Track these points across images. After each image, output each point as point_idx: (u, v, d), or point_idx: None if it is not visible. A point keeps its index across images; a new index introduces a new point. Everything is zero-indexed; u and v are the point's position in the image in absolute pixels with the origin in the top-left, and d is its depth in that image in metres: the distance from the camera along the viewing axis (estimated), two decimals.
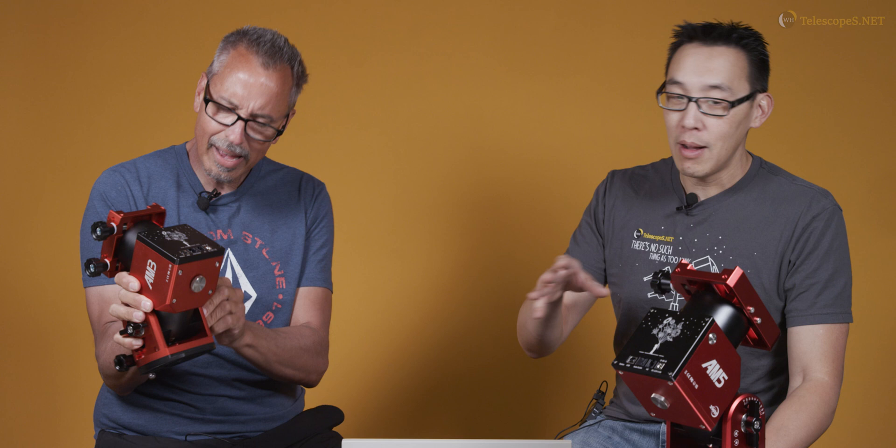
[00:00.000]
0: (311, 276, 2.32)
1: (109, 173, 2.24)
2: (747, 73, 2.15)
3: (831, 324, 2.15)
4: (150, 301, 1.80)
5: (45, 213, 3.28)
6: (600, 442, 2.31)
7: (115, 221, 1.83)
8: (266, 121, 2.16)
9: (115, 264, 1.87)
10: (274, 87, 2.14)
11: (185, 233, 1.82)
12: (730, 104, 2.13)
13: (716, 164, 2.18)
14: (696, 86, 2.14)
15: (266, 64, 2.14)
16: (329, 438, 2.29)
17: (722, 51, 2.15)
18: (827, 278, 2.16)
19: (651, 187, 2.33)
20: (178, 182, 2.25)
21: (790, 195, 2.21)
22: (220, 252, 1.81)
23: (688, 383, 1.55)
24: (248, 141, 2.16)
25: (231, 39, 2.19)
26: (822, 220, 2.17)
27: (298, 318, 2.30)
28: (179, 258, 1.75)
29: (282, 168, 2.36)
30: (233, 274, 2.25)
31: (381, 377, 3.27)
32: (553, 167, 3.26)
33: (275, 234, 2.28)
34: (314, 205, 2.33)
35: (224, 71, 2.15)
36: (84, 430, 2.54)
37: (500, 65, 3.26)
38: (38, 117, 3.29)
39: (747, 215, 2.21)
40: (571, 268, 2.07)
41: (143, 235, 1.79)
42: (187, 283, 1.78)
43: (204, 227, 2.23)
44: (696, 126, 2.14)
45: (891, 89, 3.23)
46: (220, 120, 2.15)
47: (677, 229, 2.25)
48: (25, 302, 3.26)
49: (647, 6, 3.22)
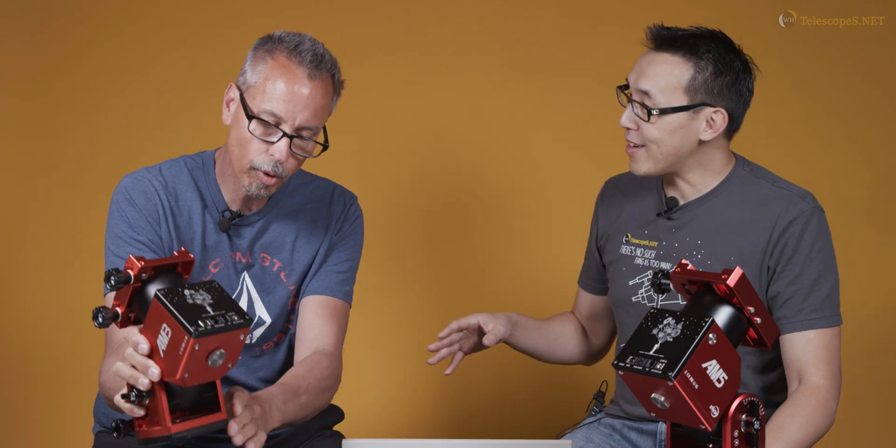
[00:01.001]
0: (331, 287, 2.20)
1: (136, 178, 2.13)
2: (687, 85, 2.13)
3: (822, 328, 2.15)
4: (159, 370, 1.59)
5: (46, 212, 3.28)
6: (601, 439, 2.32)
7: (134, 270, 1.62)
8: (311, 134, 2.05)
9: (127, 315, 1.65)
10: (320, 99, 2.04)
11: (212, 294, 1.60)
12: (648, 111, 2.13)
13: (654, 165, 2.19)
14: (633, 87, 2.18)
15: (312, 75, 2.02)
16: (330, 437, 2.29)
17: (664, 58, 2.15)
18: (811, 283, 2.15)
19: (638, 192, 2.35)
20: (201, 196, 2.15)
21: (769, 198, 2.19)
22: (245, 324, 1.59)
23: (688, 383, 1.55)
24: (293, 157, 2.05)
25: (266, 48, 2.06)
26: (800, 224, 2.15)
27: (311, 330, 2.16)
28: (197, 331, 1.53)
29: (313, 180, 2.26)
30: (248, 298, 2.18)
31: (381, 377, 3.27)
32: (553, 167, 3.26)
33: (294, 255, 2.19)
34: (341, 220, 2.23)
35: (266, 83, 2.02)
36: (83, 427, 2.53)
37: (500, 64, 3.26)
38: (38, 117, 3.29)
39: (726, 220, 2.20)
40: (467, 329, 2.32)
41: (161, 294, 1.56)
42: (203, 356, 1.56)
43: (225, 248, 2.15)
44: (627, 125, 2.19)
45: (891, 89, 3.22)
46: (265, 138, 2.03)
47: (660, 234, 2.27)
48: (26, 300, 3.26)
49: (647, 6, 3.22)
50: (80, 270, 3.21)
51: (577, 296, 2.53)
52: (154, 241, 2.09)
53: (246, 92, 2.05)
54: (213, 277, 2.15)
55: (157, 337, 1.57)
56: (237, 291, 2.18)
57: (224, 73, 2.39)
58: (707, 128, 2.16)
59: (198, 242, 2.13)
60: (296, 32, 2.08)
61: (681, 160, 2.19)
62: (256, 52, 2.07)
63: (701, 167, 2.21)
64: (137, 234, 2.09)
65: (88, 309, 2.18)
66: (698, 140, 2.17)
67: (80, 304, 3.23)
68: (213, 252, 2.15)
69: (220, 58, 3.15)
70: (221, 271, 2.16)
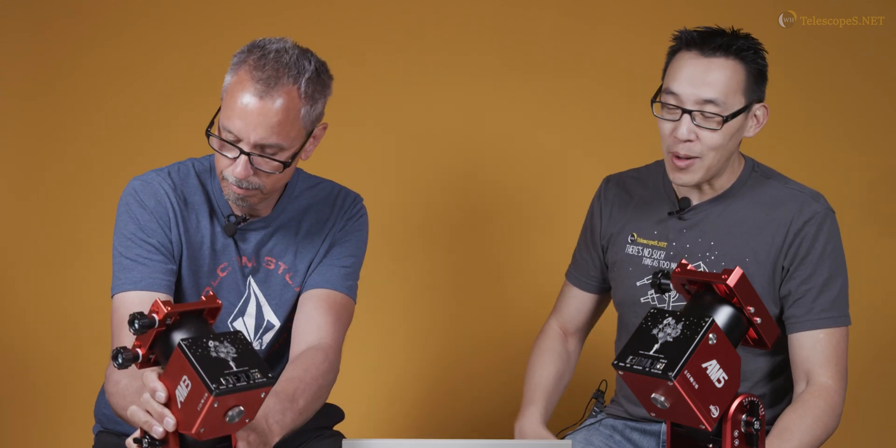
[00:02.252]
0: (332, 280, 2.15)
1: (146, 181, 2.10)
2: (744, 87, 2.11)
3: (831, 328, 2.15)
4: (175, 420, 1.56)
5: (46, 212, 3.28)
6: (603, 441, 2.32)
7: (159, 315, 1.58)
8: (274, 151, 1.97)
9: (147, 356, 1.61)
10: (274, 116, 1.94)
11: (236, 346, 1.56)
12: (723, 119, 2.10)
13: (706, 174, 2.16)
14: (691, 98, 2.10)
15: (262, 92, 1.94)
16: (330, 437, 2.29)
17: (720, 63, 2.10)
18: (823, 283, 2.15)
19: (644, 191, 2.32)
20: (208, 199, 2.13)
21: (781, 199, 2.19)
22: (268, 383, 1.55)
23: (688, 383, 1.55)
24: (257, 173, 1.99)
25: (240, 57, 2.00)
26: (814, 225, 2.16)
27: (307, 323, 2.12)
28: (218, 389, 1.50)
29: (318, 183, 2.22)
30: (257, 303, 2.17)
31: (381, 377, 3.26)
32: (553, 167, 3.26)
33: (298, 256, 2.17)
34: (344, 218, 2.20)
35: (227, 97, 1.98)
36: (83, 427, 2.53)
37: (500, 65, 3.26)
38: (39, 117, 3.29)
39: (739, 220, 2.20)
40: None
41: (185, 345, 1.53)
42: (221, 413, 1.53)
43: (233, 252, 2.13)
44: (688, 138, 2.11)
45: (891, 89, 3.22)
46: (224, 153, 1.98)
47: (670, 234, 2.25)
48: (26, 301, 3.26)
49: (647, 7, 3.22)
50: (81, 271, 3.21)
51: (565, 294, 2.46)
52: (164, 244, 2.07)
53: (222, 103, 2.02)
54: (221, 281, 2.14)
55: (176, 387, 1.55)
56: (245, 296, 2.17)
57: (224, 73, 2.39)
58: (754, 124, 2.16)
59: (207, 246, 2.12)
60: (273, 39, 2.02)
61: (726, 163, 2.18)
62: (233, 61, 2.02)
63: (728, 168, 2.20)
64: (147, 236, 2.07)
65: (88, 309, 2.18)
66: (741, 139, 2.17)
67: (80, 305, 3.24)
68: (222, 256, 2.14)
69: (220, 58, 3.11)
70: (229, 275, 2.15)
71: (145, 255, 2.05)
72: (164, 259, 2.06)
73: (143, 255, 2.05)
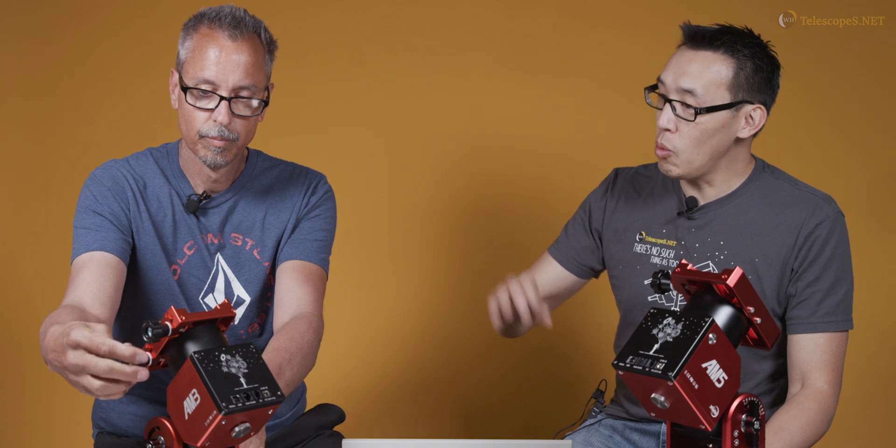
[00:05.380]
0: (306, 252, 2.22)
1: (105, 167, 2.21)
2: (729, 83, 2.11)
3: (832, 332, 2.15)
4: (147, 373, 1.59)
5: (45, 212, 3.28)
6: (602, 441, 2.32)
7: (173, 324, 1.59)
8: (250, 93, 2.09)
9: (158, 360, 1.63)
10: (247, 58, 2.08)
11: (248, 361, 1.57)
12: (695, 111, 2.10)
13: (688, 169, 2.16)
14: (672, 87, 2.13)
15: (233, 36, 2.08)
16: (330, 437, 2.29)
17: (704, 56, 2.12)
18: (829, 286, 2.15)
19: (653, 189, 2.32)
20: (168, 182, 2.21)
21: (793, 201, 2.19)
22: (276, 401, 1.55)
23: (688, 383, 1.55)
24: (235, 120, 2.10)
25: (190, 24, 2.13)
26: (826, 228, 2.15)
27: (288, 294, 2.17)
28: (227, 408, 1.50)
29: (279, 164, 2.30)
30: (225, 279, 2.22)
31: (381, 377, 3.26)
32: (553, 167, 3.26)
33: (265, 231, 2.23)
34: (308, 194, 2.27)
35: (193, 55, 2.09)
36: (83, 428, 2.53)
37: (500, 65, 3.26)
38: (38, 117, 3.29)
39: (749, 221, 2.20)
40: (530, 300, 2.10)
41: (197, 358, 1.53)
42: (228, 429, 1.54)
43: (196, 229, 2.19)
44: (668, 127, 2.13)
45: (891, 89, 3.22)
46: (203, 106, 2.09)
47: (679, 233, 2.25)
48: (25, 301, 3.26)
49: (646, 6, 3.22)
50: None
51: (543, 264, 2.43)
52: (116, 215, 2.15)
53: (182, 71, 2.12)
54: (188, 259, 2.20)
55: (184, 398, 1.55)
56: (213, 272, 2.22)
57: None
58: (746, 125, 2.15)
59: (168, 225, 2.19)
60: (219, 5, 2.14)
61: (714, 161, 2.17)
62: (184, 31, 2.14)
63: (727, 168, 2.19)
64: (99, 206, 2.15)
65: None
66: (734, 139, 2.16)
67: None
68: (186, 234, 2.20)
69: None
70: (196, 253, 2.21)
71: (99, 223, 2.14)
72: (117, 230, 2.14)
73: (98, 224, 2.14)
